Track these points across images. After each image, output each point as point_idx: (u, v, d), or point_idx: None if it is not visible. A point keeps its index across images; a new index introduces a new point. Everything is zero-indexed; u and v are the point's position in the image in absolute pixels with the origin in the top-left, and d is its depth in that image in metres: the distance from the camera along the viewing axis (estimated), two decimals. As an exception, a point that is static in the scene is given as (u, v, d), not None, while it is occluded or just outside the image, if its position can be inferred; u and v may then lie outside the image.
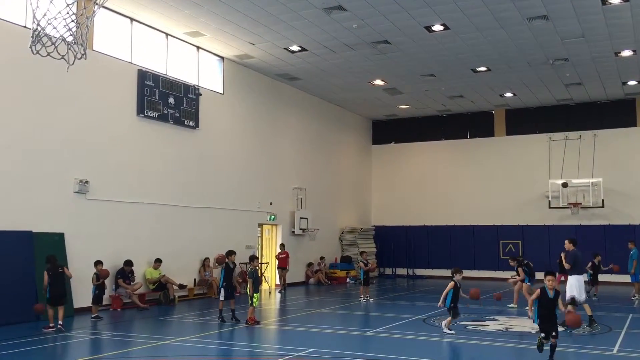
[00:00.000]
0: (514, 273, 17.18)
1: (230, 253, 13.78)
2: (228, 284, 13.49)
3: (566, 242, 13.57)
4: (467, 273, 26.75)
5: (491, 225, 27.74)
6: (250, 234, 21.52)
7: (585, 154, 26.12)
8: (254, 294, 13.01)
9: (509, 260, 17.81)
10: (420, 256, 28.75)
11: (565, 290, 13.16)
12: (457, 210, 28.42)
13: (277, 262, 22.00)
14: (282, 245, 22.20)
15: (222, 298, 13.44)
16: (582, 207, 25.40)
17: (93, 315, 13.81)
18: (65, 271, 12.77)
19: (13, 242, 13.25)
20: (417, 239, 28.94)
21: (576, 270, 13.05)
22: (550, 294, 8.95)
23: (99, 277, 13.99)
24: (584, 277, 13.30)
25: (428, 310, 15.79)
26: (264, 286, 22.07)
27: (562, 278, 13.39)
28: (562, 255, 13.46)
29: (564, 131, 26.78)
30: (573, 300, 12.88)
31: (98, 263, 14.12)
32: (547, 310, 8.99)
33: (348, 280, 25.59)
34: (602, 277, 22.46)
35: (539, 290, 9.07)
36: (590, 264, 18.71)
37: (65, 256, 14.34)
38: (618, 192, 25.38)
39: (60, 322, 12.18)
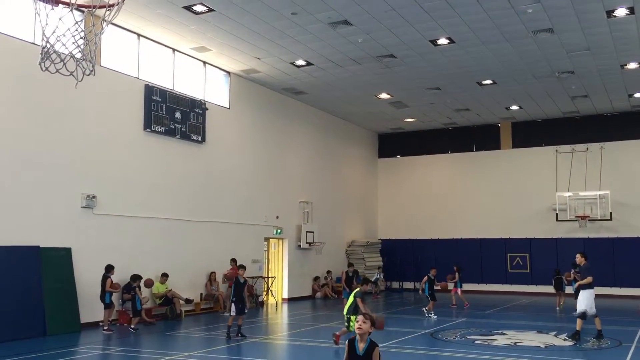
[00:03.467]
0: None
1: (240, 267, 13.74)
2: (239, 299, 13.26)
3: (578, 256, 13.47)
4: (475, 287, 26.85)
5: (498, 239, 27.60)
6: (257, 248, 21.49)
7: (592, 167, 26.02)
8: (352, 316, 11.53)
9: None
10: (427, 270, 28.48)
11: (578, 303, 13.08)
12: (464, 223, 28.31)
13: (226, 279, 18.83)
14: (233, 261, 18.86)
15: (233, 313, 13.23)
16: (589, 220, 25.26)
17: (132, 326, 14.38)
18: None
19: (21, 257, 13.28)
20: (424, 252, 28.79)
21: (590, 284, 12.92)
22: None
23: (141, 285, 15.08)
24: (595, 291, 13.15)
25: (436, 325, 15.68)
26: (271, 300, 22.03)
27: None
28: (573, 272, 13.47)
29: (571, 144, 26.69)
30: (583, 315, 12.76)
31: (137, 278, 15.07)
32: None
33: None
34: (612, 290, 22.37)
35: None
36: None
37: (72, 271, 14.35)
38: (626, 204, 25.24)
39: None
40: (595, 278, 13.05)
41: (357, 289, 12.15)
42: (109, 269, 14.52)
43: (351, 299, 11.90)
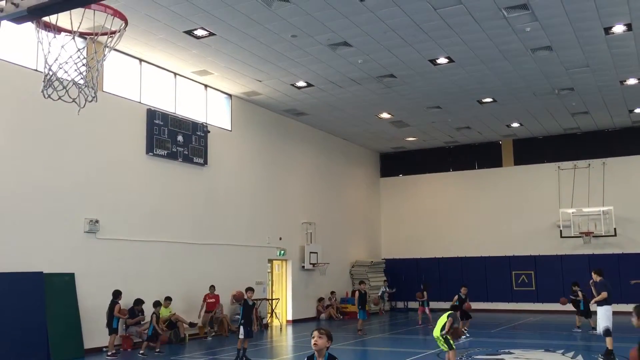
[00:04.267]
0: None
1: (249, 290, 13.61)
2: (247, 322, 13.14)
3: (593, 274, 13.45)
4: (480, 305, 26.65)
5: (503, 256, 27.48)
6: (261, 270, 21.43)
7: (594, 182, 25.99)
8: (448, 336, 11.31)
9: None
10: (431, 289, 28.40)
11: (598, 321, 12.93)
12: (468, 241, 28.21)
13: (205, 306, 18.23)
14: (212, 287, 18.45)
15: (241, 336, 13.06)
16: (594, 236, 25.16)
17: (141, 352, 14.49)
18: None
19: (24, 283, 13.24)
20: (428, 271, 28.64)
21: (607, 300, 12.85)
22: None
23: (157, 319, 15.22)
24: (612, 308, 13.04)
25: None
26: (275, 322, 21.90)
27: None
28: (591, 285, 13.41)
29: (573, 160, 26.69)
30: (608, 332, 12.56)
31: (157, 304, 15.39)
32: None
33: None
34: (619, 307, 22.15)
35: None
36: (456, 297, 17.58)
37: (76, 296, 14.31)
38: (630, 220, 25.15)
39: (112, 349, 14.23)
40: (611, 294, 12.97)
41: (452, 311, 11.77)
42: (117, 294, 14.55)
43: (445, 319, 11.40)
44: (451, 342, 11.13)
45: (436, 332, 11.32)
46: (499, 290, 27.26)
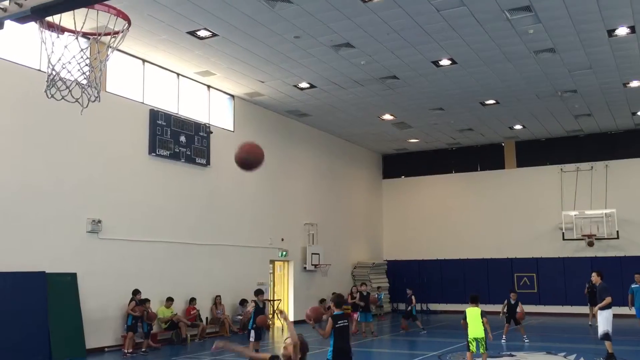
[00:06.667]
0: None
1: (259, 292, 13.52)
2: (258, 325, 13.13)
3: (594, 275, 13.32)
4: (482, 307, 26.60)
5: (505, 259, 27.43)
6: (262, 271, 21.43)
7: (597, 185, 25.93)
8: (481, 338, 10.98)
9: None
10: (433, 291, 28.42)
11: (598, 325, 12.82)
12: (470, 243, 28.16)
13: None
14: (193, 300, 17.90)
15: (252, 339, 12.96)
16: (596, 239, 25.08)
17: (143, 350, 14.80)
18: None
19: (27, 283, 13.26)
20: (430, 273, 28.62)
21: (608, 304, 12.71)
22: None
23: (150, 318, 15.29)
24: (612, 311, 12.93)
25: (443, 347, 15.53)
26: (277, 323, 21.89)
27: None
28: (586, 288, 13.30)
29: (575, 162, 26.65)
30: (607, 336, 12.47)
31: (146, 301, 15.33)
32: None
33: None
34: (620, 310, 22.10)
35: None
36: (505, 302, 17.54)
37: (78, 296, 14.33)
38: (633, 222, 25.08)
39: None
40: (612, 297, 12.84)
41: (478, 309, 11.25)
42: (134, 293, 14.97)
43: (479, 319, 11.02)
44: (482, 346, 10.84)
45: (479, 333, 10.79)
46: (500, 293, 27.09)
